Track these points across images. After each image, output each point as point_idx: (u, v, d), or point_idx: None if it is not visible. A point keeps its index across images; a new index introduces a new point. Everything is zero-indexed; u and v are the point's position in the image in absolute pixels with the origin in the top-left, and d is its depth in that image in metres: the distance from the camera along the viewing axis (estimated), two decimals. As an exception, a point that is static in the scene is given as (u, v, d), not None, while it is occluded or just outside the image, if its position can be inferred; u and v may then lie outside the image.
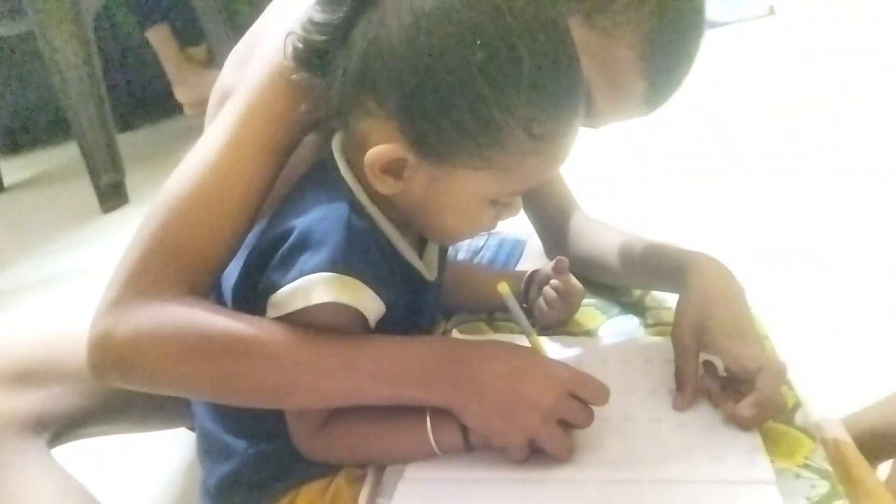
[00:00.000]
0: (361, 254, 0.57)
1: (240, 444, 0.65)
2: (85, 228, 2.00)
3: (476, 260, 1.01)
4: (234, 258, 0.64)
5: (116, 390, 0.78)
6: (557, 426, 0.58)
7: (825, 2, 3.09)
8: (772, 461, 0.58)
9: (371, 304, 0.59)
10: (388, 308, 0.61)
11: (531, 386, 0.58)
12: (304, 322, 0.58)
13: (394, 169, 0.57)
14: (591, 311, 0.85)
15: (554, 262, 0.79)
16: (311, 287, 0.56)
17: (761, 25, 2.91)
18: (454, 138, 0.55)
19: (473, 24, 0.53)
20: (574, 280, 0.79)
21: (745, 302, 0.67)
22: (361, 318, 0.59)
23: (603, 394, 0.60)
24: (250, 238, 0.65)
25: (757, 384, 0.59)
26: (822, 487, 0.56)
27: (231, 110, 0.63)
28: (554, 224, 0.93)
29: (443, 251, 0.75)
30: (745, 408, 0.59)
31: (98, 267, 1.69)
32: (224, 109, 0.64)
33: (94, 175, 2.05)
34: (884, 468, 0.75)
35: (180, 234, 0.60)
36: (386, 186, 0.58)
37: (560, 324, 0.81)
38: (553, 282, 0.78)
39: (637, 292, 0.88)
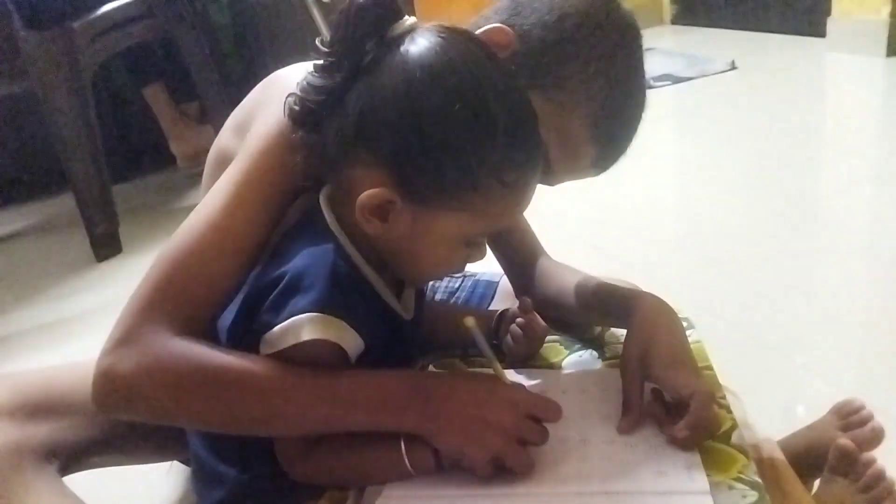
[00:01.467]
0: (345, 296, 0.66)
1: (231, 472, 0.72)
2: (80, 277, 2.07)
3: (452, 300, 1.09)
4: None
5: (119, 423, 0.85)
6: (518, 445, 0.65)
7: (783, 58, 3.28)
8: (708, 475, 0.66)
9: (352, 342, 0.67)
10: (367, 345, 0.69)
11: (493, 410, 0.66)
12: (292, 358, 0.66)
13: (381, 212, 0.66)
14: (555, 346, 0.93)
15: (520, 302, 0.87)
16: (301, 326, 0.64)
17: (723, 80, 3.08)
18: (437, 183, 0.64)
19: (457, 88, 0.63)
20: (538, 319, 0.87)
21: (684, 336, 0.75)
22: (343, 353, 0.67)
23: (556, 412, 0.68)
24: (245, 283, 0.73)
25: (690, 408, 0.67)
26: (752, 497, 0.63)
27: (231, 173, 0.72)
28: (522, 268, 1.02)
29: (419, 293, 0.83)
30: (679, 430, 0.67)
31: (93, 314, 1.78)
32: (226, 172, 0.73)
33: (88, 225, 2.13)
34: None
35: (181, 284, 0.69)
36: (372, 227, 0.67)
37: (526, 358, 0.89)
38: (519, 320, 0.87)
39: (598, 329, 0.96)
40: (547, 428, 0.68)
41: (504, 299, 1.06)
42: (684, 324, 0.90)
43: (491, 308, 1.06)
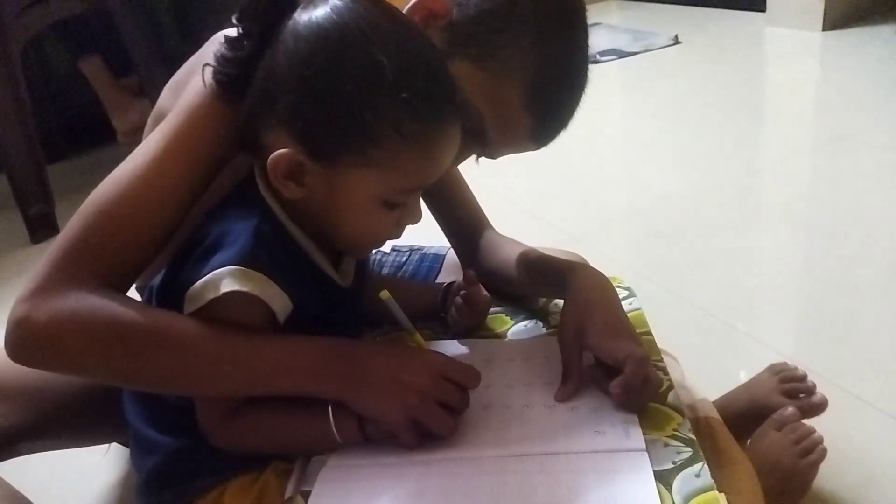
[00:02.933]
0: (267, 253, 0.65)
1: (164, 440, 0.71)
2: (14, 259, 1.99)
3: (399, 274, 1.09)
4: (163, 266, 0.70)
5: (51, 407, 0.83)
6: (436, 406, 0.67)
7: (724, 32, 3.35)
8: (645, 433, 0.68)
9: (277, 299, 0.66)
10: (298, 307, 0.69)
11: (409, 372, 0.67)
12: (215, 315, 0.65)
13: (295, 175, 0.65)
14: (501, 317, 0.94)
15: (464, 274, 0.87)
16: (220, 279, 0.63)
17: (667, 55, 3.12)
18: (335, 138, 0.64)
19: (343, 41, 0.63)
20: (482, 290, 0.88)
21: (619, 306, 0.77)
22: (269, 312, 0.67)
23: (474, 377, 0.69)
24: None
25: (624, 370, 0.69)
26: (686, 453, 0.66)
27: (163, 128, 0.70)
28: (467, 241, 1.02)
29: (360, 263, 0.83)
30: (612, 386, 0.69)
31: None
32: (157, 128, 0.71)
33: (23, 206, 2.05)
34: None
35: (104, 235, 0.67)
36: (290, 191, 0.66)
37: (471, 329, 0.90)
38: (462, 292, 0.87)
39: (541, 300, 0.98)
40: (468, 393, 0.69)
41: (451, 272, 1.07)
42: (625, 293, 0.93)
43: (438, 281, 1.06)
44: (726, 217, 1.77)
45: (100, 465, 1.07)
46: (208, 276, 0.63)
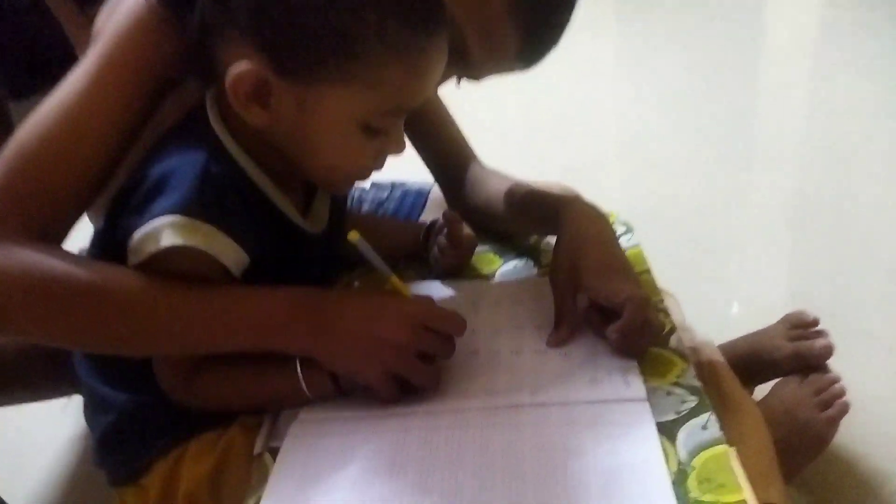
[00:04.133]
0: (217, 198, 0.57)
1: (119, 397, 0.65)
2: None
3: (380, 212, 1.02)
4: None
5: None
6: (416, 359, 0.60)
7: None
8: (645, 381, 0.62)
9: (229, 253, 0.58)
10: (257, 260, 0.61)
11: (385, 324, 0.60)
12: (161, 270, 0.57)
13: (259, 96, 0.57)
14: (488, 256, 0.87)
15: (444, 212, 0.80)
16: (160, 231, 0.55)
17: None
18: (311, 52, 0.55)
19: None
20: (465, 228, 0.80)
21: (615, 243, 0.70)
22: (220, 267, 0.59)
23: (458, 324, 0.62)
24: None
25: (623, 313, 0.62)
26: (691, 402, 0.60)
27: (92, 56, 0.61)
28: (452, 175, 0.94)
29: (336, 203, 0.75)
30: (610, 331, 0.62)
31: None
32: (85, 56, 0.62)
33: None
34: (759, 391, 0.81)
35: (33, 178, 0.59)
36: (255, 116, 0.58)
37: (455, 270, 0.83)
38: (446, 231, 0.80)
39: (532, 238, 0.91)
40: (453, 340, 0.63)
41: (436, 209, 0.99)
42: (622, 228, 0.86)
43: (422, 219, 0.99)
44: (723, 152, 1.69)
45: (60, 420, 1.01)
46: (147, 227, 0.56)
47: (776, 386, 0.76)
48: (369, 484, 0.55)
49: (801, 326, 0.80)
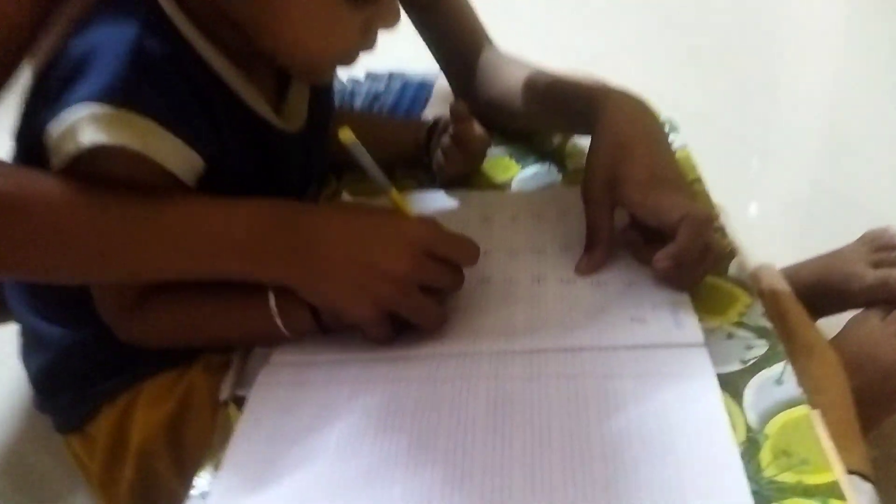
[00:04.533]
0: (152, 83, 0.44)
1: (54, 332, 0.55)
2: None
3: (376, 107, 0.86)
4: None
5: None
6: (418, 293, 0.48)
7: None
8: (700, 320, 0.49)
9: (174, 154, 0.45)
10: (216, 165, 0.48)
11: (380, 250, 0.47)
12: (93, 174, 0.44)
13: None
14: (503, 161, 0.73)
15: (450, 106, 0.65)
16: (78, 125, 0.42)
17: None
18: None
19: None
20: (475, 126, 0.66)
21: (666, 145, 0.55)
22: (165, 173, 0.46)
23: (470, 252, 0.50)
24: None
25: (677, 236, 0.49)
26: (760, 348, 0.48)
27: None
28: (462, 62, 0.78)
29: (317, 96, 0.60)
30: (661, 258, 0.49)
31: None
32: None
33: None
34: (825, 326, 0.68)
35: None
36: None
37: (462, 178, 0.69)
38: (452, 129, 0.65)
39: (557, 138, 0.76)
40: (462, 271, 0.50)
41: (441, 103, 0.84)
42: (665, 127, 0.70)
43: (425, 116, 0.84)
44: (754, 43, 1.50)
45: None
46: (61, 120, 0.43)
47: (852, 323, 0.63)
48: (354, 451, 0.43)
49: (888, 249, 0.66)
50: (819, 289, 0.65)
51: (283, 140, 0.55)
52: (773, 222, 1.06)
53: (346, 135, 0.47)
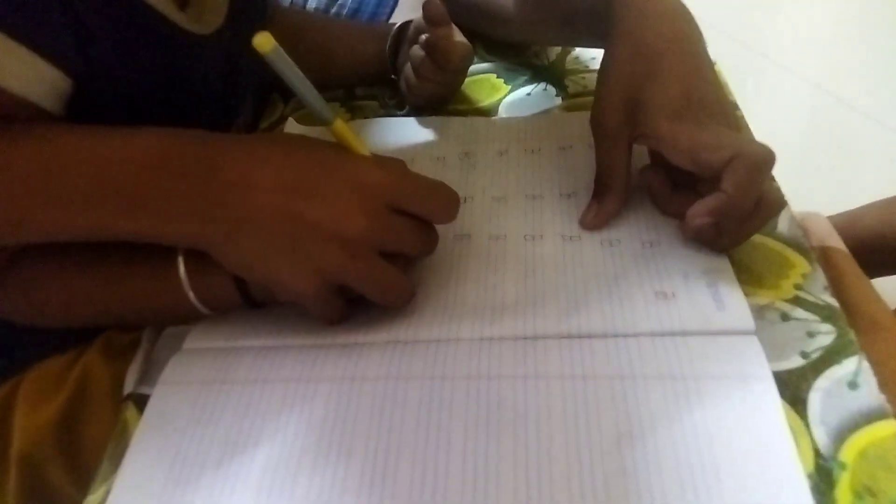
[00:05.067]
0: None
1: None
2: None
3: (334, 10, 0.71)
4: None
5: None
6: (378, 260, 0.35)
7: None
8: (746, 295, 0.37)
9: (21, 71, 0.32)
10: (94, 85, 0.35)
11: (327, 202, 0.34)
12: None
13: None
14: (489, 79, 0.60)
15: (423, 6, 0.50)
16: None
17: None
18: None
19: None
20: (455, 34, 0.51)
21: (706, 58, 0.42)
22: (12, 98, 0.33)
23: (447, 204, 0.37)
24: None
25: (723, 182, 0.36)
26: (825, 335, 0.36)
27: None
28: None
29: None
30: (698, 213, 0.37)
31: None
32: None
33: None
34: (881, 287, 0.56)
35: None
36: None
37: (437, 101, 0.55)
38: (423, 37, 0.51)
39: (554, 51, 0.62)
40: (435, 230, 0.38)
41: (413, 7, 0.69)
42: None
43: (392, 21, 0.69)
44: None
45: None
46: None
47: None
48: (286, 483, 0.32)
49: None
50: (878, 244, 0.53)
51: (191, 46, 0.41)
52: (776, 127, 0.97)
53: (263, 41, 0.33)
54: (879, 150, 0.97)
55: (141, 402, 0.38)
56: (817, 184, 0.91)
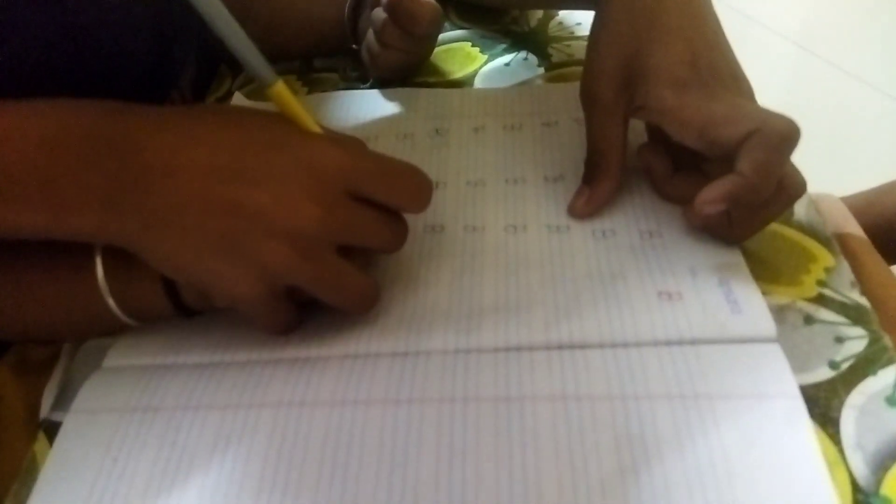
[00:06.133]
0: None
1: None
2: None
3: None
4: None
5: None
6: (334, 257, 0.29)
7: None
8: (764, 293, 0.32)
9: None
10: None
11: (269, 189, 0.28)
12: None
13: None
14: (462, 48, 0.53)
15: None
16: None
17: None
18: None
19: None
20: None
21: (714, 19, 0.36)
22: None
23: (417, 190, 0.31)
24: None
25: (739, 162, 0.31)
26: (856, 340, 0.31)
27: None
28: None
29: None
30: (709, 199, 0.31)
31: None
32: None
33: None
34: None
35: None
36: None
37: (404, 71, 0.49)
38: None
39: (535, 17, 0.56)
40: (404, 221, 0.32)
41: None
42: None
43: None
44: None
45: None
46: None
47: None
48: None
49: None
50: (893, 227, 0.49)
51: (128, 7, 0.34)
52: (755, 87, 0.94)
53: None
54: (872, 114, 0.93)
55: (53, 430, 0.32)
56: (803, 146, 0.86)
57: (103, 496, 0.28)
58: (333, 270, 0.30)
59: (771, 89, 0.95)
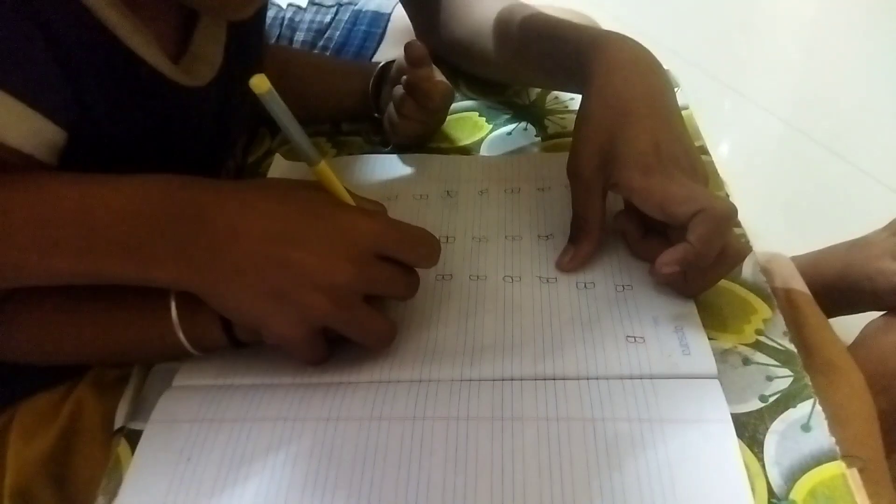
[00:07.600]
0: None
1: None
2: None
3: (320, 44, 0.73)
4: None
5: None
6: (362, 305, 0.37)
7: None
8: (711, 339, 0.40)
9: (14, 122, 0.33)
10: (84, 135, 0.36)
11: (314, 251, 0.36)
12: None
13: None
14: (470, 118, 0.62)
15: (406, 46, 0.52)
16: None
17: None
18: None
19: None
20: (436, 74, 0.53)
21: (676, 112, 0.44)
22: (9, 148, 0.34)
23: (429, 251, 0.39)
24: None
25: (688, 234, 0.39)
26: (782, 379, 0.38)
27: None
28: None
29: (238, 37, 0.47)
30: (665, 263, 0.39)
31: None
32: None
33: None
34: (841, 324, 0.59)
35: None
36: None
37: (419, 139, 0.57)
38: (405, 78, 0.53)
39: (535, 90, 0.64)
40: (417, 275, 0.40)
41: (399, 42, 0.71)
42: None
43: (378, 58, 0.71)
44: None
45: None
46: None
47: (873, 329, 0.53)
48: (271, 523, 0.34)
49: None
50: (838, 286, 0.56)
51: (184, 97, 0.42)
52: (743, 162, 1.01)
53: (259, 82, 0.34)
54: (848, 189, 1.01)
55: (132, 437, 0.39)
56: (783, 219, 0.95)
57: (180, 489, 0.36)
58: (361, 316, 0.37)
59: (758, 164, 1.03)
